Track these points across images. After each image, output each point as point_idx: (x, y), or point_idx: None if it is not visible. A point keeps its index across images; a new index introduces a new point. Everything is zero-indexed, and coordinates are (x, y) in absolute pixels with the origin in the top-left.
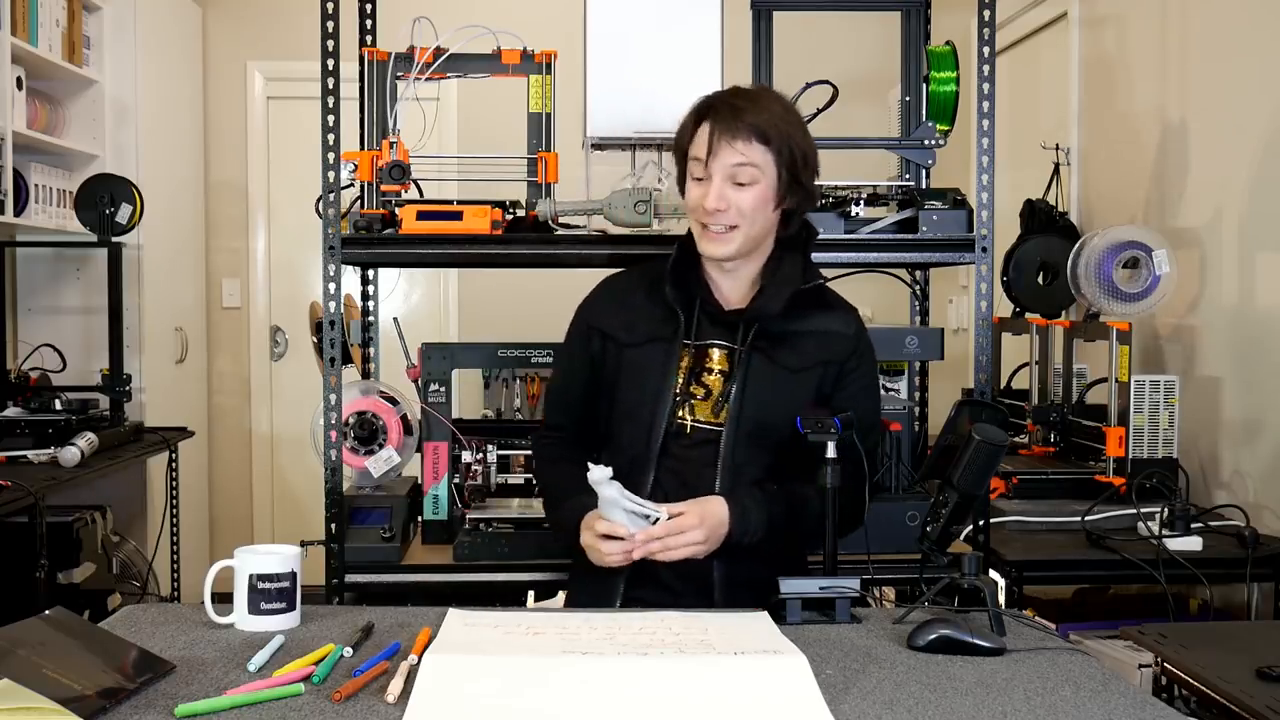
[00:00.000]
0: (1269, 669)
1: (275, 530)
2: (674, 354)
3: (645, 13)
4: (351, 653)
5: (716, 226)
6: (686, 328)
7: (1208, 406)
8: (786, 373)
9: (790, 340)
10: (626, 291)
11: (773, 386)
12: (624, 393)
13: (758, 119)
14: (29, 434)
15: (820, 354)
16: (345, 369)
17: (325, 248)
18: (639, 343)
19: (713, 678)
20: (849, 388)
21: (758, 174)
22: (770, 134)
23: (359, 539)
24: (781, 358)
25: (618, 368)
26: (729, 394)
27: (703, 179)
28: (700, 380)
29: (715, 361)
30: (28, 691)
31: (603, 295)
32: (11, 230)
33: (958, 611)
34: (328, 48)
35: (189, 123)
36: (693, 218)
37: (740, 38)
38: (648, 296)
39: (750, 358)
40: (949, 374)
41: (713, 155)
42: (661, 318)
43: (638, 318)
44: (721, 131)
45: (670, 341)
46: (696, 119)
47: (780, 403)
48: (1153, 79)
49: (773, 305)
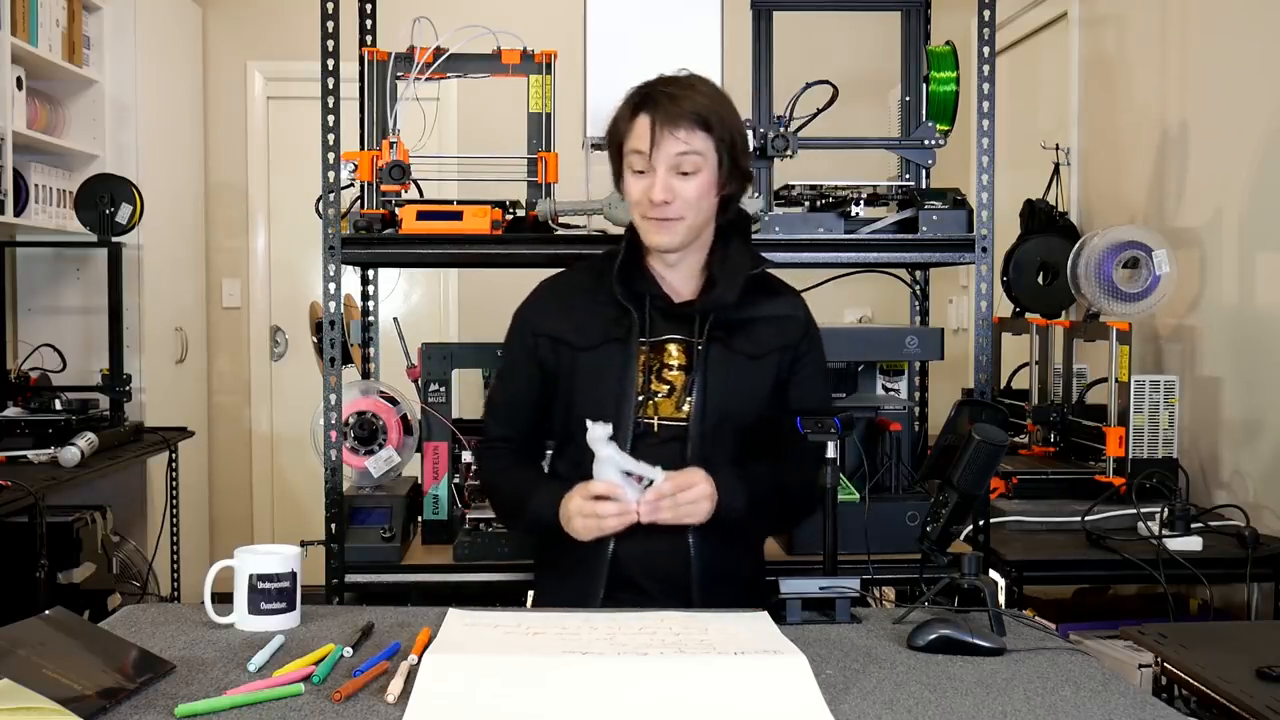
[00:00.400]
0: (1269, 669)
1: (275, 530)
2: (631, 353)
3: (645, 13)
4: (351, 653)
5: (660, 218)
6: (640, 325)
7: (1208, 406)
8: (746, 360)
9: (745, 328)
10: (570, 293)
11: (733, 376)
12: (583, 396)
13: (697, 105)
14: (29, 434)
15: (776, 339)
16: (345, 369)
17: (325, 248)
18: (594, 345)
19: (713, 678)
20: (803, 370)
21: (700, 161)
22: (711, 120)
23: (359, 539)
24: (739, 346)
25: (572, 372)
26: (691, 388)
27: (644, 171)
28: (661, 377)
29: (673, 356)
30: (28, 691)
31: (545, 299)
32: (11, 230)
33: (958, 611)
34: (328, 48)
35: (189, 123)
36: (636, 211)
37: (740, 38)
38: (594, 296)
39: (709, 349)
40: (949, 374)
41: (655, 146)
42: (613, 317)
43: (588, 319)
44: (663, 122)
45: (625, 341)
46: (632, 111)
47: (742, 391)
48: (1153, 79)
49: (728, 294)
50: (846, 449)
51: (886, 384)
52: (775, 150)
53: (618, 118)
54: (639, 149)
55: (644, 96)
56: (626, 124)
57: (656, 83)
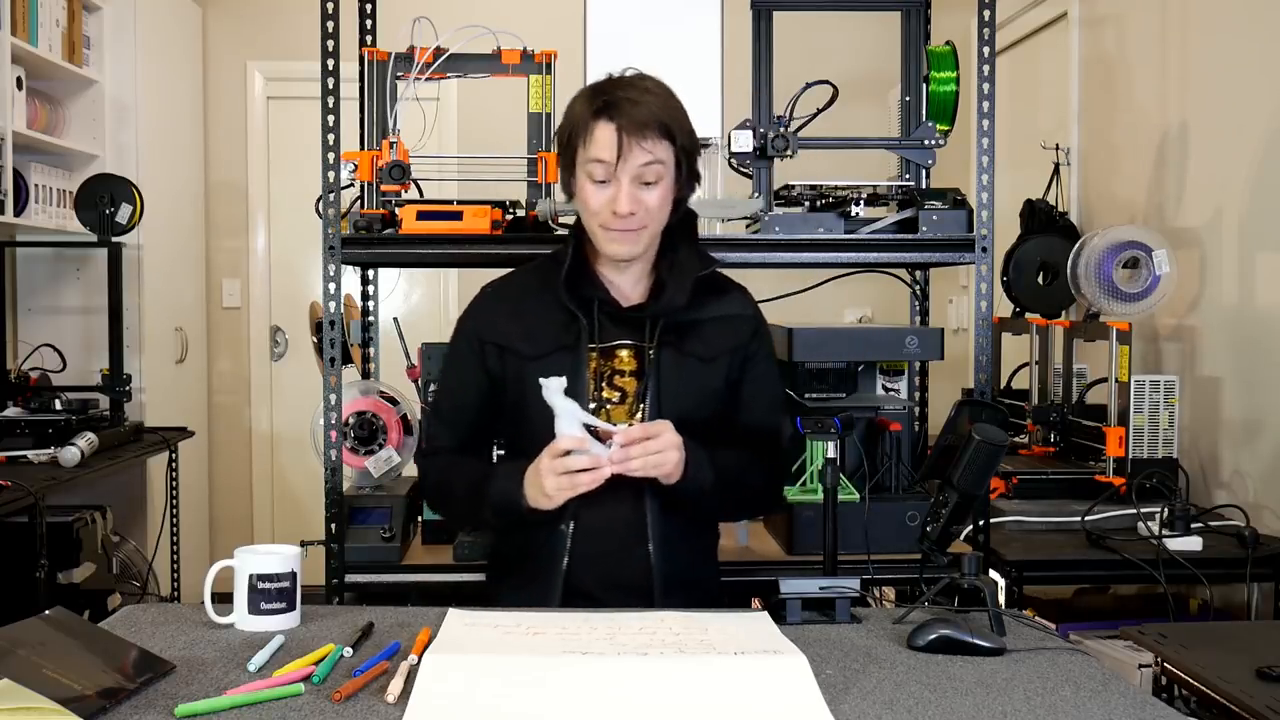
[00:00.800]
0: (1269, 669)
1: (275, 530)
2: (581, 360)
3: (645, 13)
4: (351, 653)
5: (622, 228)
6: (590, 331)
7: (1208, 406)
8: (697, 363)
9: (696, 330)
10: (517, 300)
11: (685, 380)
12: (535, 407)
13: (658, 112)
14: (29, 434)
15: (727, 340)
16: (345, 369)
17: (325, 248)
18: (543, 353)
19: (713, 678)
20: (755, 369)
21: (663, 170)
22: (672, 127)
23: (359, 539)
24: (690, 349)
25: (522, 381)
26: (644, 393)
27: (605, 181)
28: (613, 383)
29: (624, 362)
30: (28, 691)
31: (491, 306)
32: (11, 230)
33: (958, 611)
34: (328, 48)
35: (189, 123)
36: (594, 221)
37: (740, 38)
38: (541, 303)
39: (660, 354)
40: (949, 374)
41: (622, 159)
42: (562, 323)
43: (536, 327)
44: (629, 132)
45: (575, 348)
46: (593, 115)
47: (695, 394)
48: (1153, 79)
49: (678, 297)
50: (846, 449)
51: (886, 384)
52: (775, 150)
53: (575, 121)
54: (601, 158)
55: (605, 103)
56: (585, 129)
57: (612, 86)
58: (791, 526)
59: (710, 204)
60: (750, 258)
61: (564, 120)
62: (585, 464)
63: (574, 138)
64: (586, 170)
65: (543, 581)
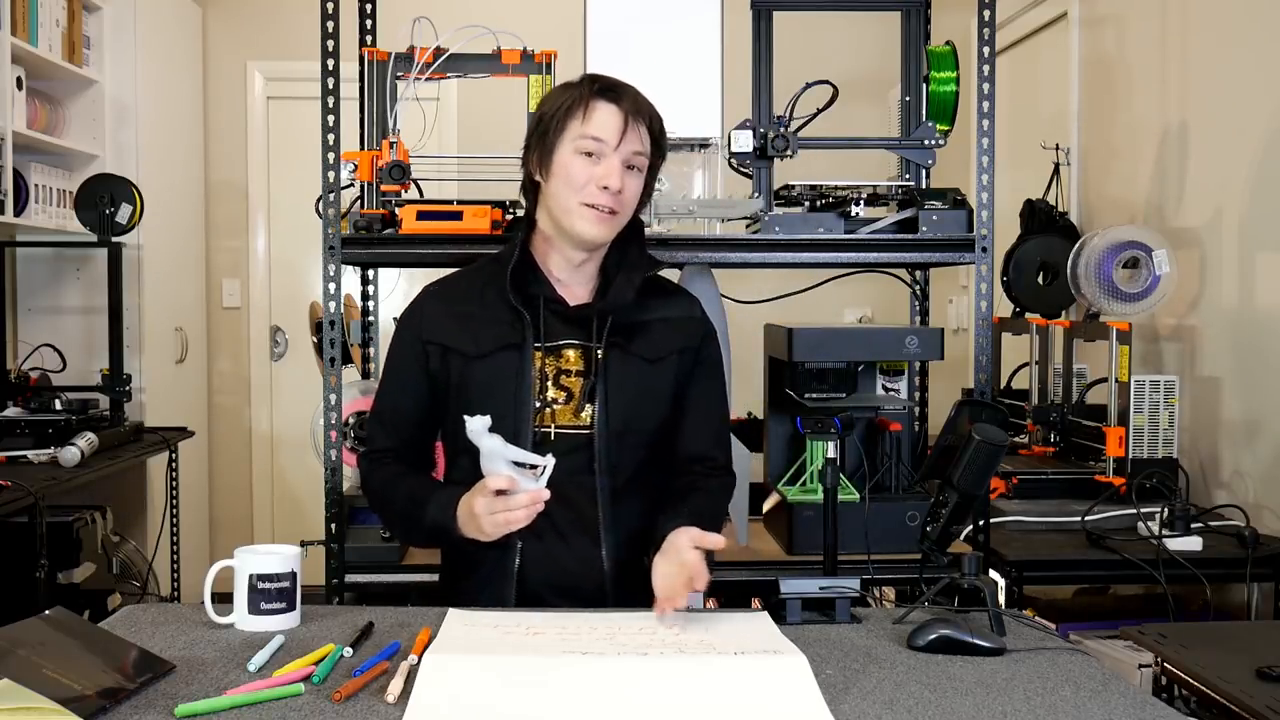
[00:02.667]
0: (1269, 669)
1: (275, 530)
2: (527, 360)
3: (645, 13)
4: (351, 653)
5: (604, 208)
6: (535, 330)
7: (1208, 406)
8: (644, 363)
9: (643, 331)
10: (460, 300)
11: (633, 380)
12: (478, 408)
13: (652, 110)
14: (29, 434)
15: (674, 341)
16: (345, 369)
17: (325, 248)
18: (488, 353)
19: (713, 678)
20: (703, 372)
21: (645, 163)
22: (657, 127)
23: (359, 539)
24: (637, 349)
25: (464, 382)
26: (589, 393)
27: (595, 156)
28: (559, 383)
29: (571, 362)
30: (28, 691)
31: (433, 306)
32: (11, 230)
33: (958, 611)
34: (328, 48)
35: (189, 123)
36: (575, 198)
37: (740, 38)
38: (484, 302)
39: (608, 354)
40: (949, 374)
41: (624, 140)
42: (507, 323)
43: (480, 326)
44: (633, 116)
45: (520, 347)
46: (595, 94)
47: (641, 394)
48: (1153, 79)
49: (626, 295)
50: (846, 449)
51: (886, 384)
52: (775, 150)
53: (571, 98)
54: (600, 136)
55: (606, 87)
56: (584, 106)
57: (609, 78)
58: (791, 526)
59: (710, 204)
60: (750, 258)
61: (551, 101)
62: (524, 501)
63: (567, 114)
64: (577, 145)
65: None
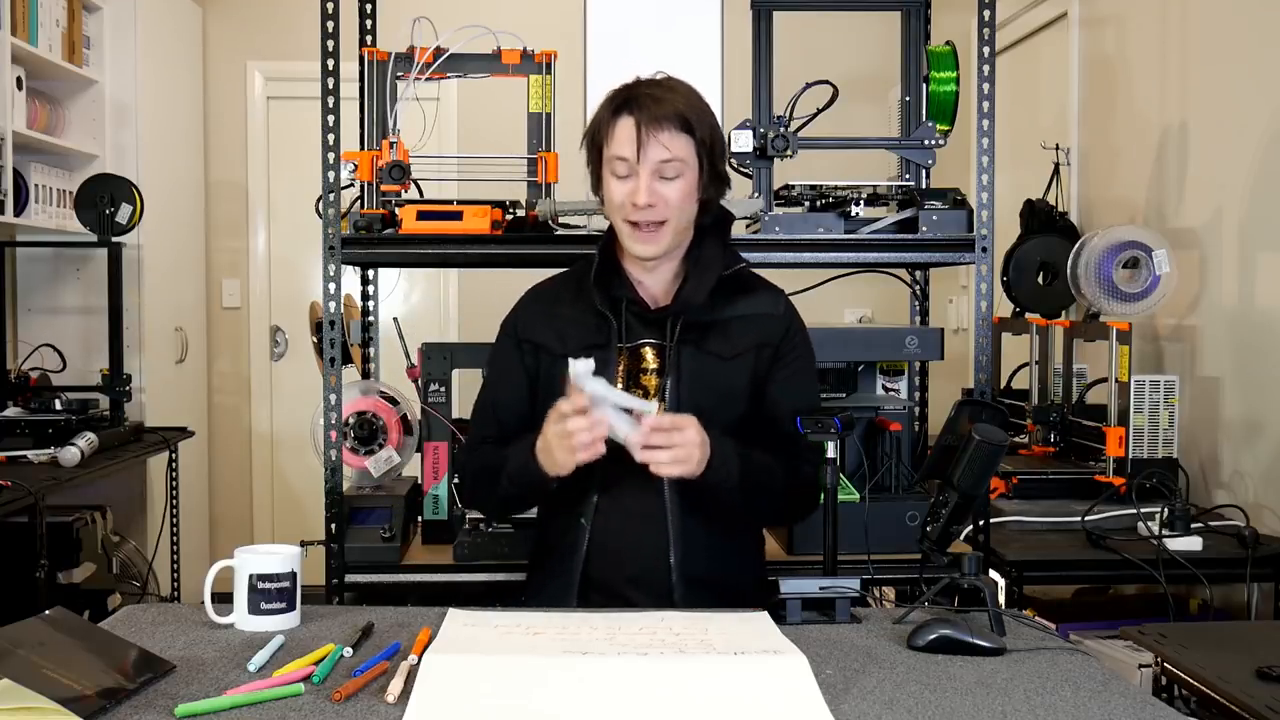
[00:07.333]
0: (1269, 669)
1: (275, 530)
2: (610, 359)
3: (645, 13)
4: (351, 653)
5: (646, 224)
6: (618, 330)
7: (1208, 406)
8: (718, 361)
9: (718, 328)
10: (552, 301)
11: (705, 378)
12: None
13: (679, 108)
14: (29, 434)
15: (751, 338)
16: (345, 369)
17: (325, 248)
18: (573, 353)
19: (713, 678)
20: (786, 369)
21: (683, 166)
22: (693, 123)
23: (359, 539)
24: (711, 347)
25: (553, 379)
26: (661, 390)
27: (627, 176)
28: (638, 382)
29: (649, 361)
30: (28, 691)
31: (530, 307)
32: (11, 230)
33: (958, 611)
34: (328, 48)
35: (189, 123)
36: (618, 216)
37: (740, 38)
38: (574, 304)
39: (680, 352)
40: (949, 374)
41: (641, 151)
42: (593, 325)
43: (567, 327)
44: (648, 125)
45: (604, 348)
46: (614, 113)
47: (715, 392)
48: (1153, 79)
49: (697, 295)
50: (846, 449)
51: (886, 384)
52: (775, 150)
53: (598, 121)
54: (622, 154)
55: (625, 99)
56: (608, 127)
57: (637, 85)
58: (791, 526)
59: None
60: (750, 258)
61: (590, 122)
62: (583, 425)
63: (598, 136)
64: (611, 167)
65: (562, 576)
